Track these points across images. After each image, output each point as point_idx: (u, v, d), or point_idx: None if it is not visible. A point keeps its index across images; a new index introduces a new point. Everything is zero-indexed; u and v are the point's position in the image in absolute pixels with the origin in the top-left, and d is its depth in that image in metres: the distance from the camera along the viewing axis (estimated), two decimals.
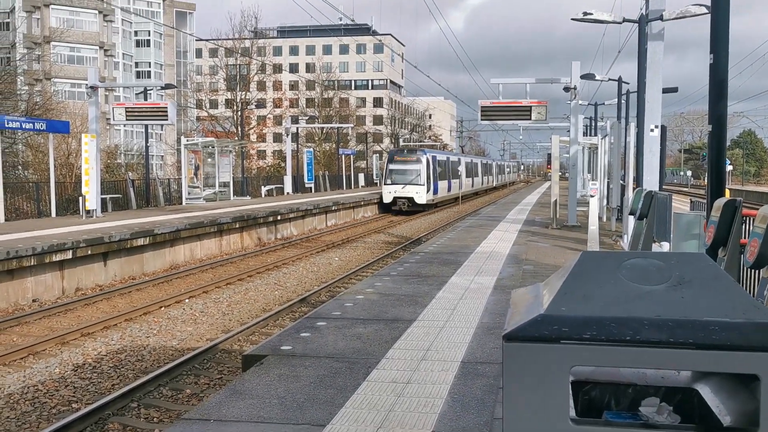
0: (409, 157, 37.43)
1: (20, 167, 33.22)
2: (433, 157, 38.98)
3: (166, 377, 8.27)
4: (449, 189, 43.44)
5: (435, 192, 38.36)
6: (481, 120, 21.05)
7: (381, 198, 36.28)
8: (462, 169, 48.32)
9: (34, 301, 13.03)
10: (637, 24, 14.56)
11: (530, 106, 20.24)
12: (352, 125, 61.90)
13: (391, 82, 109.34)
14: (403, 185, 35.78)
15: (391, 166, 36.78)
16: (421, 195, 35.92)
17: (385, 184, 36.77)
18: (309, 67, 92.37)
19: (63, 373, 8.63)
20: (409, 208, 35.69)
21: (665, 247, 8.18)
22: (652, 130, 12.34)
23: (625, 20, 13.69)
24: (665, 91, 15.99)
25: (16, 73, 39.84)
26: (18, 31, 52.46)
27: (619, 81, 26.04)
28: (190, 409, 6.53)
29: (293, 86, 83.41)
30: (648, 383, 1.78)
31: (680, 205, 25.82)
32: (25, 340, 10.18)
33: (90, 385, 8.25)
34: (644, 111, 12.65)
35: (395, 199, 35.70)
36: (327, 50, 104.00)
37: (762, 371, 1.38)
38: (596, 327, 1.43)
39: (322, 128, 60.92)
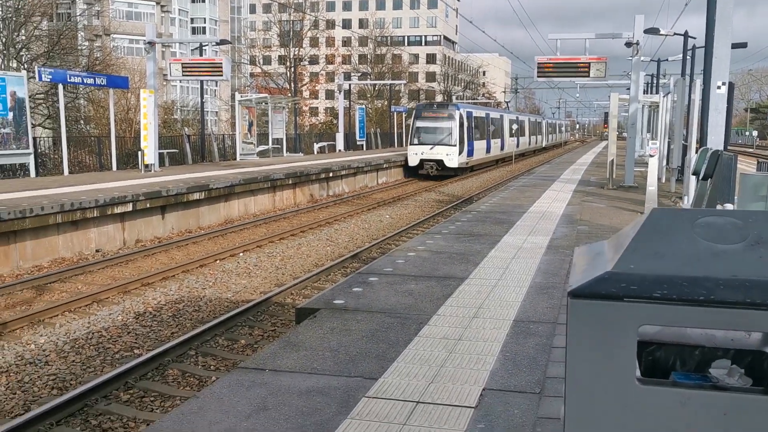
0: (439, 112, 31.78)
1: (82, 122, 34.16)
2: (468, 113, 33.42)
3: (221, 327, 8.50)
4: (488, 150, 38.15)
5: (470, 154, 33.03)
6: (537, 77, 20.57)
7: (406, 160, 31.37)
8: (505, 127, 43.19)
9: (97, 251, 13.51)
10: None
11: (589, 63, 19.64)
12: (404, 82, 61.41)
13: (445, 38, 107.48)
14: (431, 146, 30.63)
15: (418, 123, 31.50)
16: (452, 157, 30.64)
17: (411, 144, 31.41)
18: (362, 23, 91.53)
19: (125, 321, 8.96)
20: (438, 173, 30.74)
21: (729, 208, 7.89)
22: (719, 87, 11.83)
23: None
24: (734, 46, 15.25)
25: (76, 29, 40.67)
26: None
27: (685, 35, 24.96)
28: (245, 359, 6.70)
29: (346, 42, 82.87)
30: (717, 345, 1.72)
31: (745, 166, 24.88)
32: (89, 288, 10.59)
33: (150, 332, 8.55)
34: (711, 67, 12.11)
35: (422, 161, 30.78)
36: (380, 5, 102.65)
37: None
38: (667, 286, 1.38)
39: (374, 85, 60.53)
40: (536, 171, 28.49)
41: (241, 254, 13.39)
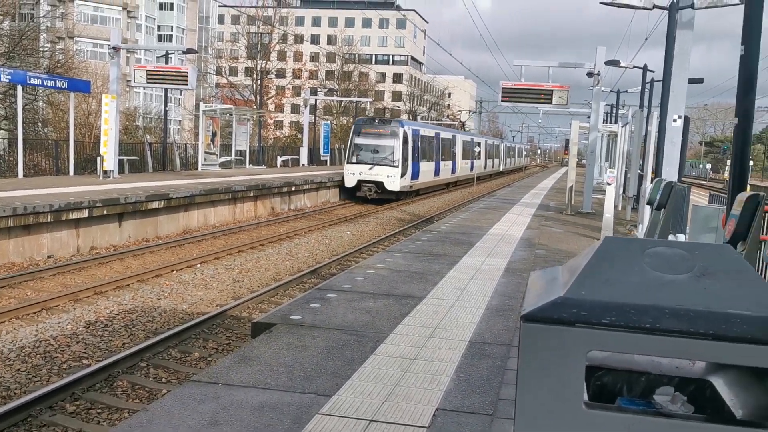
0: (380, 128, 28.51)
1: (40, 124, 33.43)
2: (415, 132, 30.09)
3: (175, 339, 8.36)
4: (437, 173, 34.80)
5: (415, 176, 29.60)
6: (502, 101, 20.90)
7: (342, 180, 28.15)
8: (457, 148, 40.00)
9: (49, 257, 13.18)
10: (666, 11, 14.32)
11: (552, 90, 20.05)
12: (370, 100, 61.64)
13: (412, 58, 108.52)
14: (370, 165, 27.48)
15: (357, 140, 28.34)
16: (393, 179, 27.48)
17: (348, 162, 28.03)
18: (330, 39, 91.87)
19: (75, 330, 8.74)
20: (378, 196, 27.62)
21: (681, 239, 8.11)
22: (675, 120, 12.19)
23: (655, 6, 13.45)
24: (691, 81, 15.76)
25: (39, 30, 39.91)
26: None
27: (644, 69, 25.68)
28: (198, 372, 6.60)
29: (314, 58, 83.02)
30: (662, 372, 1.77)
31: (698, 198, 25.59)
32: (39, 295, 10.32)
33: (101, 342, 8.36)
34: (668, 100, 12.48)
35: (360, 182, 27.59)
36: (349, 23, 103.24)
37: None
38: (616, 313, 1.42)
39: (341, 101, 60.69)
40: (497, 194, 28.85)
41: (198, 265, 13.21)
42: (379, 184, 27.56)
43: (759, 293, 1.46)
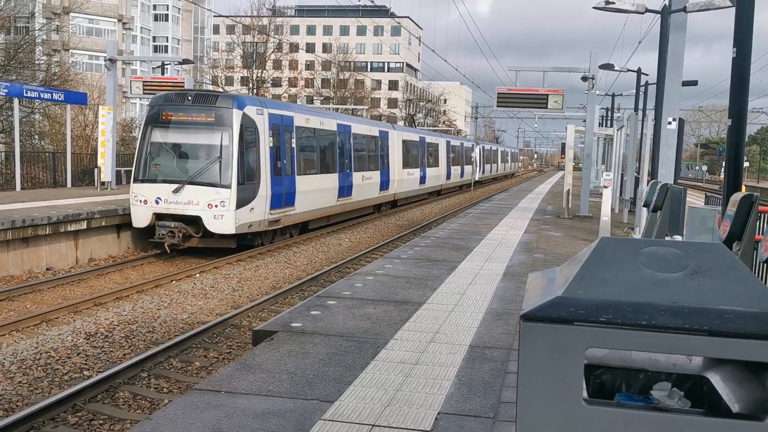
0: (197, 112, 15.11)
1: (37, 137, 33.47)
2: (279, 120, 16.76)
3: (176, 349, 8.37)
4: (346, 192, 21.54)
5: (275, 203, 16.25)
6: (497, 106, 21.01)
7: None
8: (392, 150, 26.69)
9: (48, 269, 13.19)
10: (659, 14, 14.42)
11: (547, 95, 20.16)
12: (366, 107, 61.78)
13: (408, 65, 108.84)
14: (175, 185, 14.72)
15: (155, 135, 15.38)
16: (223, 211, 14.57)
17: (134, 180, 15.29)
18: (326, 47, 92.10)
19: (75, 341, 8.75)
20: (196, 243, 15.00)
21: (678, 240, 8.16)
22: (669, 123, 12.26)
23: (647, 10, 13.55)
24: (685, 84, 15.86)
25: (34, 43, 39.97)
26: (37, 1, 52.50)
27: (638, 72, 25.81)
28: (200, 381, 6.62)
29: (309, 66, 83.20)
30: (660, 369, 1.81)
31: (694, 199, 25.69)
32: (39, 308, 10.32)
33: (102, 353, 8.37)
34: (663, 103, 12.56)
35: (157, 218, 14.78)
36: (344, 31, 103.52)
37: None
38: (612, 311, 1.46)
39: (337, 109, 60.85)
40: (495, 198, 28.92)
41: (197, 275, 13.23)
42: (194, 222, 14.54)
43: (751, 289, 1.50)
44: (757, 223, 5.43)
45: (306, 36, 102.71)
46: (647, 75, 27.32)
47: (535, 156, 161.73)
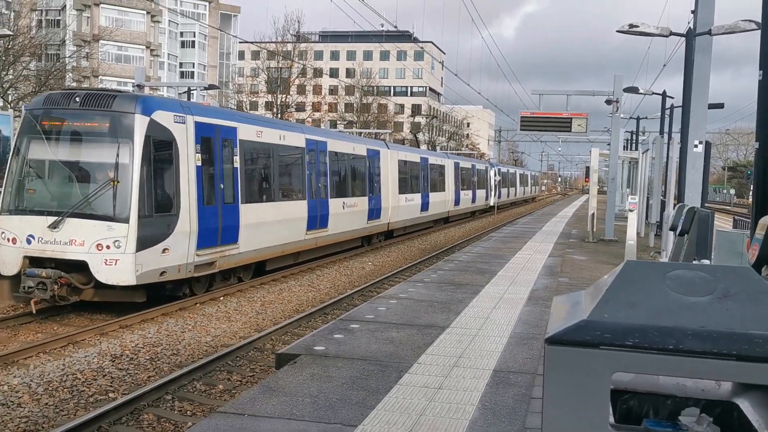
0: (89, 119, 11.30)
1: None
2: (217, 130, 13.14)
3: (200, 372, 8.40)
4: (315, 224, 17.45)
5: (206, 240, 12.44)
6: (521, 130, 21.01)
7: None
8: (365, 171, 21.95)
9: None
10: (684, 38, 14.36)
11: (570, 118, 20.12)
12: (389, 131, 62.09)
13: (430, 89, 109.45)
14: (52, 217, 10.86)
15: (32, 151, 11.53)
16: (119, 254, 10.71)
17: (1, 211, 11.44)
18: (349, 72, 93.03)
19: (101, 363, 8.82)
20: (80, 296, 11.05)
21: (705, 264, 8.04)
22: (695, 146, 12.16)
23: (672, 33, 13.51)
24: (711, 107, 15.73)
25: (65, 70, 40.94)
26: (68, 29, 53.89)
27: (663, 95, 25.67)
28: (223, 403, 6.63)
29: (333, 91, 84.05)
30: (688, 395, 1.78)
31: (722, 223, 25.33)
32: (65, 330, 10.44)
33: (126, 375, 8.43)
34: (688, 126, 12.47)
35: (29, 263, 10.86)
36: (367, 56, 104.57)
37: None
38: (639, 335, 1.44)
39: (360, 133, 61.25)
40: (518, 222, 28.78)
41: (221, 298, 13.30)
42: (78, 268, 10.86)
43: None
44: None
45: (330, 61, 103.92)
46: (672, 98, 27.16)
47: (559, 179, 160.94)
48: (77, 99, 11.38)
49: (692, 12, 13.13)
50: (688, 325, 1.46)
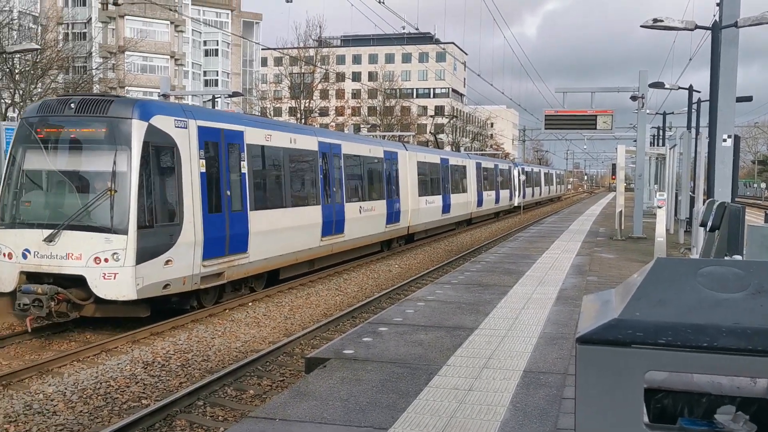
0: (85, 125, 10.85)
1: None
2: (222, 135, 12.56)
3: (230, 377, 8.47)
4: (330, 230, 16.79)
5: (213, 250, 11.98)
6: (545, 129, 20.87)
7: None
8: (382, 174, 20.94)
9: None
10: (710, 31, 14.15)
11: (595, 116, 19.92)
12: (413, 133, 62.07)
13: (453, 90, 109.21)
14: (48, 230, 10.38)
15: (28, 162, 11.09)
16: (118, 267, 10.22)
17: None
18: (371, 76, 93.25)
19: (134, 370, 8.94)
20: (80, 312, 10.63)
21: (738, 260, 7.91)
22: (724, 140, 11.96)
23: (697, 27, 13.32)
24: (739, 99, 15.47)
25: (92, 81, 41.62)
26: (94, 41, 54.77)
27: (690, 89, 25.29)
28: (254, 408, 6.68)
29: (356, 94, 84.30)
30: (723, 393, 1.76)
31: (753, 218, 24.88)
32: (99, 338, 10.60)
33: (159, 382, 8.53)
34: (716, 120, 12.28)
35: (25, 278, 10.43)
36: (389, 59, 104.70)
37: None
38: (672, 333, 1.43)
39: (384, 136, 61.31)
40: (545, 221, 28.56)
41: (250, 304, 13.40)
42: (76, 283, 10.38)
43: None
44: None
45: (352, 65, 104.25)
46: (699, 92, 26.74)
47: (585, 177, 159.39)
48: (72, 105, 10.92)
49: (717, 5, 12.93)
50: (721, 322, 1.44)
